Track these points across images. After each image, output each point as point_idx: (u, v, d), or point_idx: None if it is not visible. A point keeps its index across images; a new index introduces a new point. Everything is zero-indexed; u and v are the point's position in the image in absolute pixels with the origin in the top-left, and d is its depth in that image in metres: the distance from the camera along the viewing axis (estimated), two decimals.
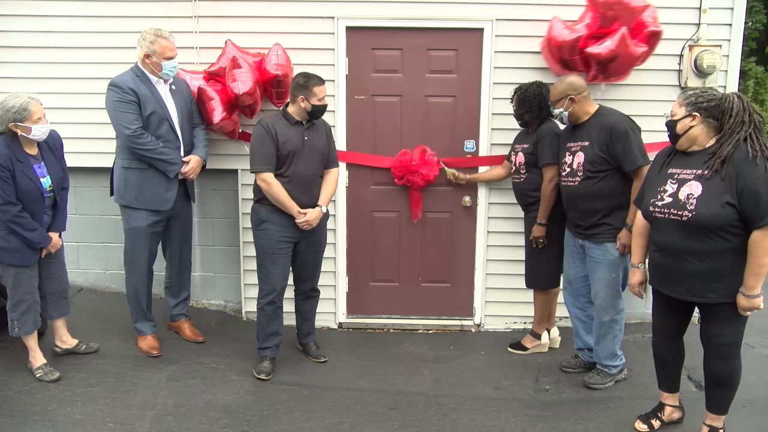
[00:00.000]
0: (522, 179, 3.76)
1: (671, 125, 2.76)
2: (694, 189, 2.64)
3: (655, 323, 3.03)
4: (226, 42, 3.91)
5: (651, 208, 2.79)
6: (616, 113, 3.35)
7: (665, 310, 2.94)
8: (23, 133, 3.18)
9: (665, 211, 2.72)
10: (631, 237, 3.19)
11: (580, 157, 3.33)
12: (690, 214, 2.62)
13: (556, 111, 3.41)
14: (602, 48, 3.63)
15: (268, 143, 3.38)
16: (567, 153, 3.43)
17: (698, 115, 2.68)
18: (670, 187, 2.72)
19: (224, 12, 4.11)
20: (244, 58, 3.80)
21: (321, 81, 3.47)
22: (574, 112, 3.36)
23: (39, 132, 3.20)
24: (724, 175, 2.57)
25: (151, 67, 3.54)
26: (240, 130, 4.11)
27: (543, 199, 3.63)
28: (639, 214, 2.97)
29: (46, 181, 3.31)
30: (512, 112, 3.80)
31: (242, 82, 3.74)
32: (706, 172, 2.63)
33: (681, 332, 2.98)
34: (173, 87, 3.68)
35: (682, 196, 2.66)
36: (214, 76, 3.90)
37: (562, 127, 3.61)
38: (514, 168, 3.84)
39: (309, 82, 3.42)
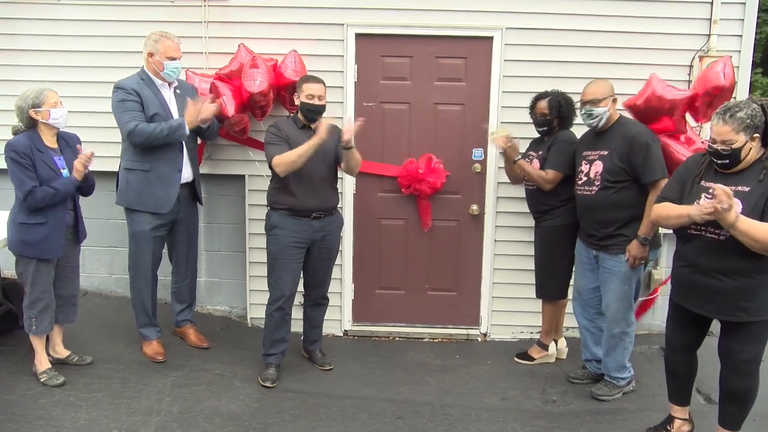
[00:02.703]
0: (535, 186, 3.71)
1: (735, 154, 2.56)
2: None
3: (670, 337, 2.99)
4: (239, 46, 3.92)
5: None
6: (637, 124, 3.33)
7: (682, 324, 2.91)
8: (43, 119, 3.22)
9: (701, 228, 2.64)
10: (642, 249, 3.17)
11: (598, 166, 3.30)
12: (728, 234, 2.52)
13: (600, 110, 3.27)
14: None
15: (279, 140, 3.40)
16: (584, 162, 3.39)
17: (758, 135, 2.56)
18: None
19: (234, 18, 4.11)
20: (262, 60, 3.81)
21: (313, 79, 3.45)
22: (611, 116, 3.31)
23: (57, 115, 3.24)
24: (765, 186, 2.51)
25: (153, 67, 3.55)
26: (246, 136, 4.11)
27: (532, 178, 3.61)
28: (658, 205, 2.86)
29: (65, 173, 3.32)
30: (536, 116, 3.68)
31: (258, 81, 3.74)
32: (747, 188, 2.55)
33: (696, 347, 2.96)
34: (178, 91, 3.69)
35: None
36: (224, 79, 3.89)
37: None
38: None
39: (301, 79, 3.46)
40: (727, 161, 2.59)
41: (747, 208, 2.52)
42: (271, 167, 3.39)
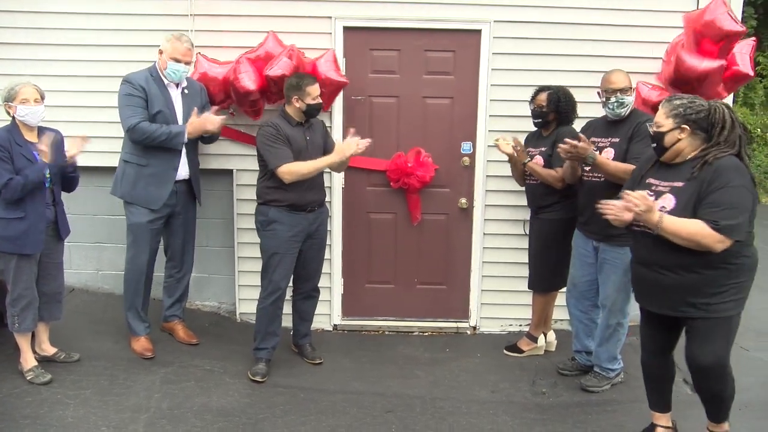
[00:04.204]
0: (538, 181, 3.68)
1: (658, 137, 2.62)
2: (667, 202, 2.56)
3: (643, 340, 2.94)
4: (268, 33, 3.91)
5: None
6: (651, 116, 3.33)
7: (651, 325, 2.85)
8: (13, 114, 3.23)
9: (640, 223, 2.58)
10: (581, 151, 3.15)
11: (609, 152, 3.29)
12: None
13: (629, 99, 3.29)
14: None
15: (281, 143, 3.39)
16: (593, 148, 3.35)
17: (687, 127, 2.56)
18: None
19: (220, 11, 4.07)
20: (297, 54, 3.83)
21: (314, 80, 3.49)
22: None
23: (22, 112, 3.22)
24: (698, 183, 2.48)
25: (160, 64, 3.59)
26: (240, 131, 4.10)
27: (544, 179, 3.60)
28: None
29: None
30: (533, 108, 3.66)
31: (273, 69, 3.74)
32: (681, 183, 2.55)
33: (669, 348, 2.89)
34: (186, 91, 3.69)
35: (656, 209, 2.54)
36: (249, 60, 3.86)
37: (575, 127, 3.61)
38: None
39: (301, 82, 3.44)
40: (654, 144, 2.65)
41: (679, 204, 2.52)
42: (273, 172, 3.37)
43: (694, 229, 2.44)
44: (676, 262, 2.56)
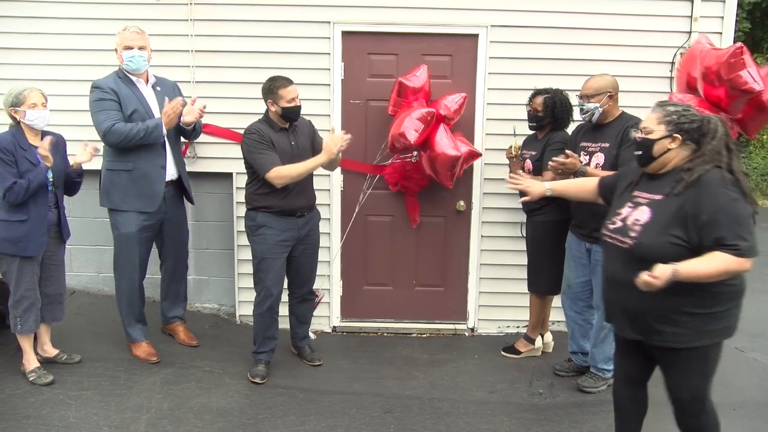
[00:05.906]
0: None
1: (647, 145, 2.37)
2: (641, 214, 2.34)
3: (614, 365, 2.73)
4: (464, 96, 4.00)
5: (604, 231, 2.50)
6: (639, 120, 3.36)
7: (623, 351, 2.62)
8: (20, 118, 3.26)
9: (612, 236, 2.43)
10: (571, 165, 3.19)
11: (599, 157, 3.33)
12: (631, 242, 2.31)
13: (591, 105, 3.32)
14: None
15: (267, 148, 3.37)
16: (582, 152, 3.39)
17: (679, 137, 2.32)
18: (626, 211, 2.42)
19: (220, 16, 4.11)
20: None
21: (287, 82, 3.39)
22: (607, 111, 3.33)
23: (32, 116, 3.26)
24: (680, 201, 2.25)
25: (120, 63, 3.54)
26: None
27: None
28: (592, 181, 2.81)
29: (49, 173, 3.31)
30: (529, 110, 3.72)
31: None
32: (660, 197, 2.32)
33: (643, 379, 2.63)
34: (158, 88, 3.66)
35: (629, 221, 2.36)
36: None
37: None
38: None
39: (273, 85, 3.37)
40: (641, 152, 2.40)
41: (656, 220, 2.30)
42: (263, 177, 3.35)
43: (721, 267, 2.15)
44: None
